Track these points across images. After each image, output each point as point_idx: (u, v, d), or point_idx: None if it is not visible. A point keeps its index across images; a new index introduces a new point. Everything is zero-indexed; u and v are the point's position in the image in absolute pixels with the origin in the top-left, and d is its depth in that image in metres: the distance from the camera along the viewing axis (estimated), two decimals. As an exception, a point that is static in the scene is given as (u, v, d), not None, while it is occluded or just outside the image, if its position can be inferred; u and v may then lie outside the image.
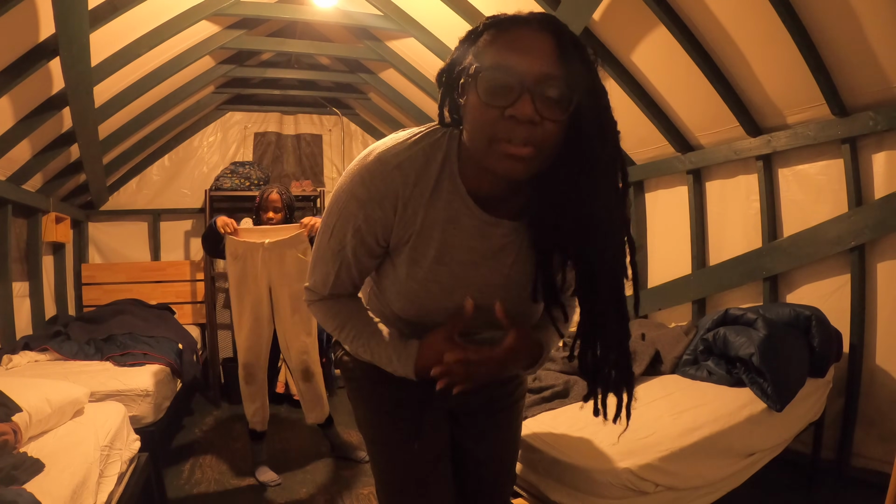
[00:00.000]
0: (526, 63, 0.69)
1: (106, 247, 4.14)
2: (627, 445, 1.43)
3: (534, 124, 0.70)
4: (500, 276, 0.91)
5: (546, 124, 0.70)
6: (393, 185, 0.82)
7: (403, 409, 1.05)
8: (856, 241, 2.10)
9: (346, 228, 0.86)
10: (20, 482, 1.28)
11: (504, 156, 0.72)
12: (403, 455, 1.05)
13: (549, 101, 0.70)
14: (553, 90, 0.69)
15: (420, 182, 0.83)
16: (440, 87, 0.81)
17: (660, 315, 3.04)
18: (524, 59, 0.69)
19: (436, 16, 2.84)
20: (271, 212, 2.58)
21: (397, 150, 0.83)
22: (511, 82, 0.69)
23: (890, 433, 2.06)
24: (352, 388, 1.12)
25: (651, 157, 2.97)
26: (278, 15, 3.08)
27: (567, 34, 0.72)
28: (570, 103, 0.70)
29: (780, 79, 2.16)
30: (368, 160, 0.83)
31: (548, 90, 0.69)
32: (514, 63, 0.69)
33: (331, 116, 4.64)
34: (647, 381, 2.02)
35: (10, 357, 2.62)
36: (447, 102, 0.81)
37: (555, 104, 0.70)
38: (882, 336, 2.12)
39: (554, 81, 0.69)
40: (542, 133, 0.70)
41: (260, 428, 2.56)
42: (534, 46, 0.70)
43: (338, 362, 1.14)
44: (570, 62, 0.70)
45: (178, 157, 4.28)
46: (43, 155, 2.83)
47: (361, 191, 0.83)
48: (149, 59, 2.74)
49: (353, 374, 1.09)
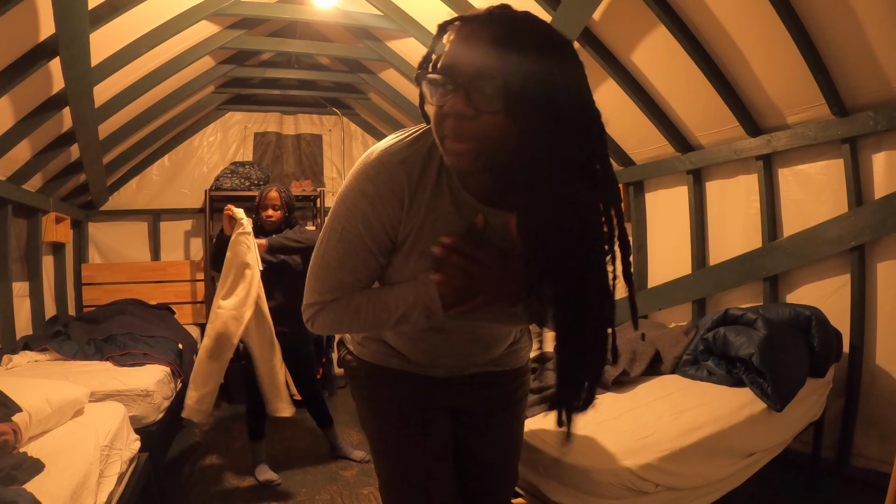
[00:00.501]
0: (462, 61, 0.71)
1: (106, 247, 4.15)
2: (627, 445, 1.44)
3: (468, 118, 0.71)
4: None
5: (484, 117, 0.70)
6: (399, 180, 0.83)
7: (405, 406, 1.06)
8: (856, 241, 2.10)
9: (357, 226, 0.85)
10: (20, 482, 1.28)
11: (448, 152, 0.75)
12: (405, 452, 1.05)
13: (484, 95, 0.70)
14: (487, 83, 0.69)
15: (423, 177, 0.84)
16: (418, 86, 0.80)
17: (660, 315, 3.04)
18: (460, 57, 0.71)
19: (436, 16, 2.83)
20: (270, 210, 2.58)
21: (399, 147, 0.84)
22: (446, 81, 0.71)
23: (890, 433, 2.06)
24: (354, 386, 1.13)
25: (651, 157, 2.97)
26: (278, 15, 3.09)
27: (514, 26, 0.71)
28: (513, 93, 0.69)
29: (780, 79, 2.16)
30: (371, 158, 0.84)
31: (482, 84, 0.69)
32: (451, 62, 0.72)
33: (331, 116, 4.64)
34: (647, 381, 2.02)
35: (10, 357, 2.62)
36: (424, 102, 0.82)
37: (491, 97, 0.70)
38: (882, 336, 2.12)
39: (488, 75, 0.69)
40: (480, 126, 0.71)
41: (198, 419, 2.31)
42: (475, 42, 0.71)
43: (341, 362, 1.15)
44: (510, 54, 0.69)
45: (178, 157, 4.28)
46: (43, 155, 2.84)
47: (369, 187, 0.83)
48: (149, 59, 2.74)
49: (356, 373, 1.10)
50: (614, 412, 1.68)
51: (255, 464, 2.56)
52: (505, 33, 0.70)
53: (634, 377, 2.01)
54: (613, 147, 3.04)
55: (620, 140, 3.03)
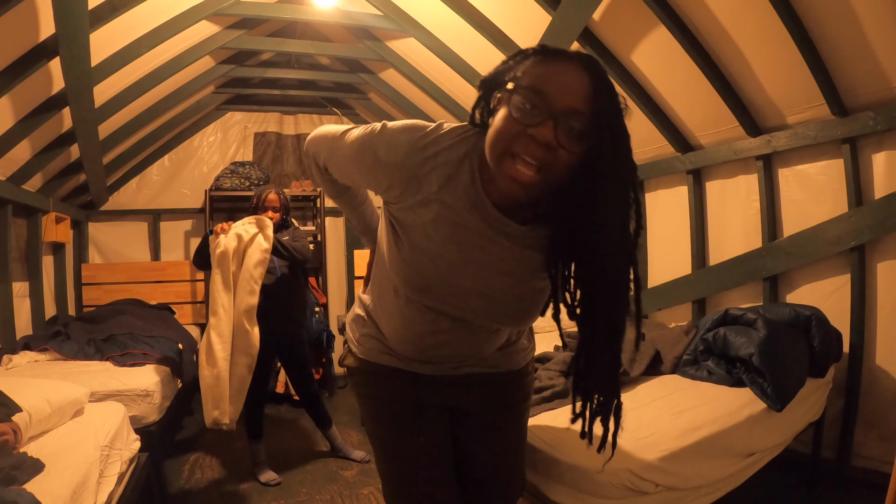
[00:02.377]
0: (559, 93, 0.75)
1: (106, 247, 4.14)
2: (627, 445, 1.44)
3: (549, 148, 0.75)
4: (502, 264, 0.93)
5: (560, 152, 0.76)
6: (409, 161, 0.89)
7: (397, 403, 1.09)
8: (856, 241, 2.10)
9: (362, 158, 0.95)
10: (20, 482, 1.28)
11: (509, 176, 0.78)
12: (399, 448, 1.08)
13: (569, 133, 0.75)
14: (576, 123, 0.75)
15: (442, 166, 0.88)
16: (479, 90, 0.88)
17: (660, 315, 3.04)
18: (558, 89, 0.75)
19: (436, 16, 2.85)
20: (270, 212, 2.59)
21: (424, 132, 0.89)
22: (540, 106, 0.75)
23: (890, 433, 2.06)
24: (353, 383, 1.17)
25: (651, 157, 2.97)
26: (278, 15, 3.09)
27: (604, 79, 0.78)
28: (589, 140, 0.76)
29: (780, 79, 2.16)
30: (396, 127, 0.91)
31: (572, 122, 0.75)
32: (548, 90, 0.76)
33: (331, 116, 4.64)
34: (647, 381, 2.02)
35: (10, 357, 2.62)
36: (481, 105, 0.89)
37: (574, 137, 0.75)
38: (882, 336, 2.12)
39: (579, 116, 0.75)
40: (555, 159, 0.76)
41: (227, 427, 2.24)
42: (570, 81, 0.76)
43: (342, 360, 1.19)
44: (599, 103, 0.76)
45: (178, 157, 4.28)
46: (43, 155, 2.84)
47: (388, 154, 0.90)
48: (149, 59, 2.74)
49: (354, 371, 1.14)
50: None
51: (255, 464, 2.56)
52: (601, 85, 0.77)
53: (634, 377, 2.01)
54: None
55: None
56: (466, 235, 0.90)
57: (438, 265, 0.93)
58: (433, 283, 0.94)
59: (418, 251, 0.93)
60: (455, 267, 0.93)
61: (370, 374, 1.10)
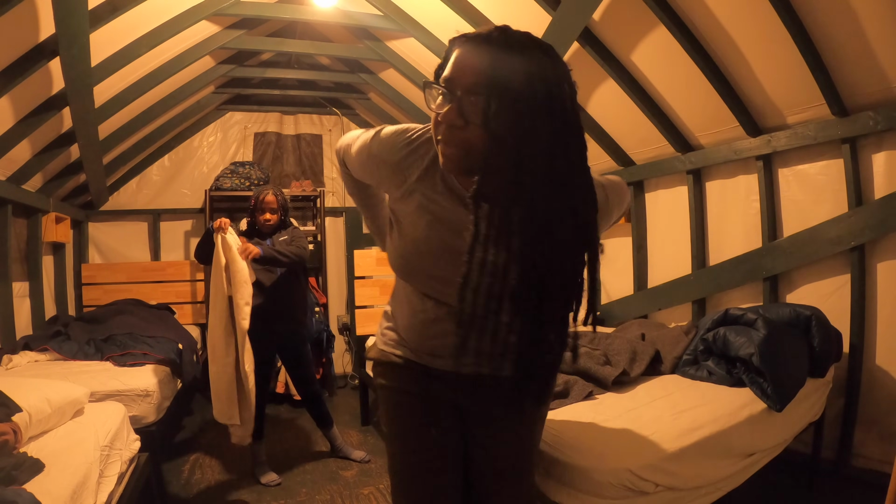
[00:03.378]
0: (460, 75, 0.81)
1: (106, 247, 4.15)
2: (627, 445, 1.44)
3: (457, 127, 0.81)
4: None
5: (471, 128, 0.80)
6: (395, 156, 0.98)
7: (408, 395, 1.12)
8: (856, 241, 2.10)
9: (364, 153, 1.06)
10: (20, 482, 1.28)
11: (441, 154, 0.86)
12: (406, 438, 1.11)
13: (476, 108, 0.78)
14: (480, 98, 0.78)
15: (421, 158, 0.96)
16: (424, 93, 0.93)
17: (660, 315, 3.04)
18: (460, 71, 0.81)
19: (436, 16, 2.85)
20: (268, 213, 2.59)
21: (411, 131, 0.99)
22: (445, 92, 0.82)
23: (890, 433, 2.06)
24: (374, 373, 1.21)
25: (651, 157, 2.97)
26: (278, 15, 3.09)
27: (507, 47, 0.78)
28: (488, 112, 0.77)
29: (780, 79, 2.16)
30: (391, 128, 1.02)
31: (472, 97, 0.79)
32: (453, 75, 0.81)
33: (331, 116, 4.64)
34: (647, 381, 2.02)
35: (10, 357, 2.62)
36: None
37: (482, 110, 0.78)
38: (882, 336, 2.12)
39: (478, 88, 0.78)
40: (468, 135, 0.80)
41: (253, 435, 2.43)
42: (471, 60, 0.80)
43: (368, 353, 1.28)
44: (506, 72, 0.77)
45: (178, 157, 4.28)
46: (43, 155, 2.84)
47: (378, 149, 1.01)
48: (149, 59, 2.74)
49: (377, 361, 1.20)
50: (614, 412, 1.68)
51: (256, 464, 2.56)
52: (498, 54, 0.79)
53: (634, 377, 2.01)
54: (613, 147, 3.04)
55: (620, 140, 3.03)
56: (446, 222, 0.96)
57: (421, 251, 1.00)
58: (415, 268, 1.03)
59: (406, 239, 1.02)
60: (435, 253, 0.98)
61: (387, 365, 1.15)
